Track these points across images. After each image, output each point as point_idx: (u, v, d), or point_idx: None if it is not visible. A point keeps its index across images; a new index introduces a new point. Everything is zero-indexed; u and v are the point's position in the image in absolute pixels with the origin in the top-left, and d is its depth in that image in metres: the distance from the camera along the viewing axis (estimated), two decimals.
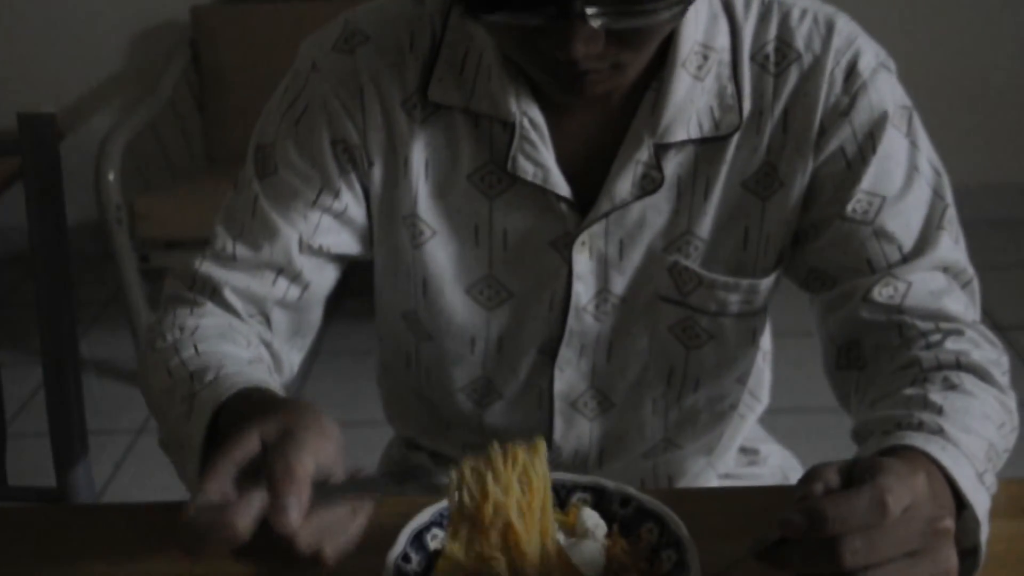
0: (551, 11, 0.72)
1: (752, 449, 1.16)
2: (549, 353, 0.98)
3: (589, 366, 0.99)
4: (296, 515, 0.60)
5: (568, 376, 0.99)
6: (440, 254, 0.94)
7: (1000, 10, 2.98)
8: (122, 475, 2.38)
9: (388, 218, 0.95)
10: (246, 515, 0.60)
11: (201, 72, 3.10)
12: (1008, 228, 3.11)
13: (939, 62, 2.98)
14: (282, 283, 0.95)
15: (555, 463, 1.04)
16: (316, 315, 1.01)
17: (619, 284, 0.95)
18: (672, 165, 0.90)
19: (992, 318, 2.58)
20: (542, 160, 0.89)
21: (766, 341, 1.10)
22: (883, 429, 0.77)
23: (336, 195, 0.94)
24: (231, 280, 0.94)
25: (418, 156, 0.92)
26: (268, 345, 0.96)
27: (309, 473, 0.62)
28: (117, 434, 2.45)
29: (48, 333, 1.18)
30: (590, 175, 0.91)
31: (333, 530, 0.63)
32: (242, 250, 0.94)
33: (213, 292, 0.95)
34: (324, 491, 0.63)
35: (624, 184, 0.90)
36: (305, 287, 0.96)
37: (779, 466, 1.17)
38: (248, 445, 0.65)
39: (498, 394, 1.01)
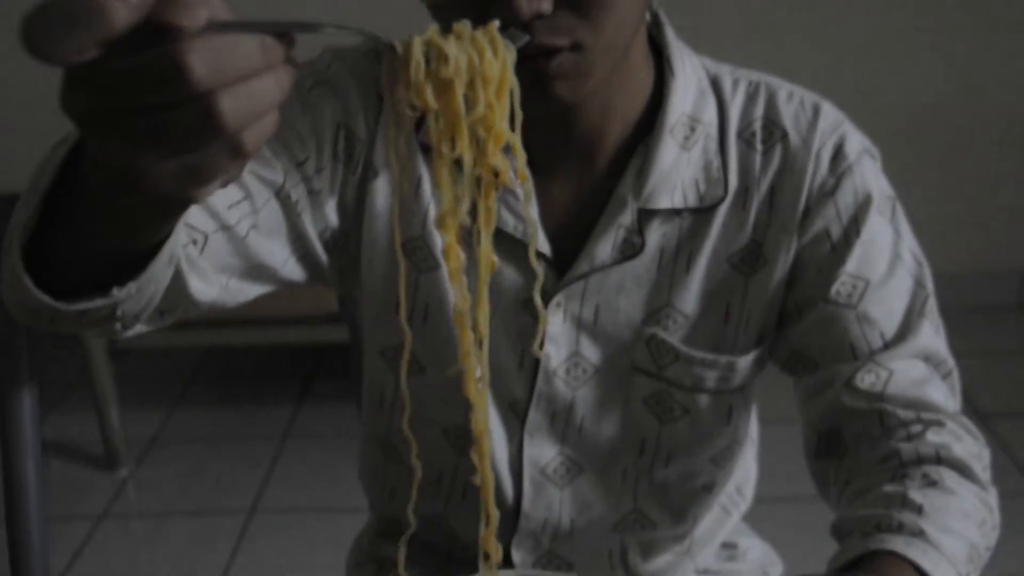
0: None
1: (731, 543, 1.14)
2: (519, 415, 0.98)
3: (560, 433, 0.99)
4: (192, 12, 0.45)
5: (538, 441, 0.99)
6: (444, 286, 0.94)
7: (985, 99, 3.05)
8: (80, 565, 2.32)
9: (386, 242, 0.94)
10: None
11: None
12: (990, 315, 3.13)
13: (923, 151, 3.04)
14: (239, 210, 0.84)
15: (524, 532, 1.03)
16: (236, 264, 0.87)
17: (592, 351, 0.95)
18: (656, 235, 0.92)
19: (973, 405, 2.59)
20: (524, 214, 0.91)
21: (753, 430, 1.10)
22: (863, 530, 0.77)
23: (318, 171, 0.90)
24: None
25: (427, 181, 0.93)
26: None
27: None
28: (76, 520, 2.41)
29: (8, 415, 1.16)
30: (572, 237, 0.93)
31: (235, 71, 0.46)
32: None
33: None
34: (229, 27, 0.47)
35: (605, 247, 0.92)
36: (252, 227, 0.85)
37: (758, 561, 1.16)
38: None
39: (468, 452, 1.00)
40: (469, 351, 0.72)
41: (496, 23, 0.63)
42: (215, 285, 0.83)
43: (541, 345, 0.94)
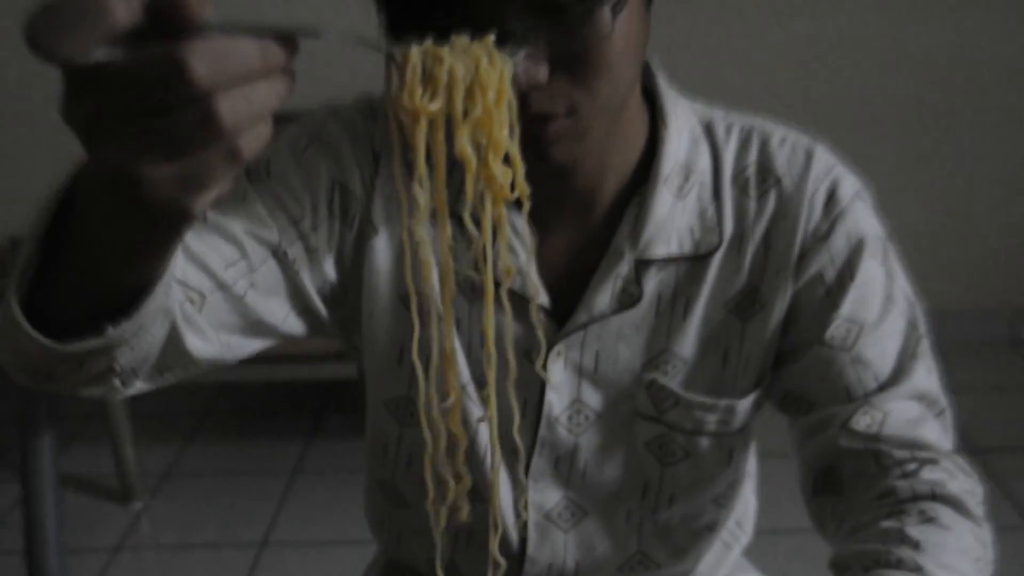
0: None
1: None
2: (523, 462, 0.98)
3: (563, 477, 0.98)
4: (198, 3, 0.44)
5: (542, 486, 0.98)
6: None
7: (976, 144, 3.07)
8: None
9: (388, 297, 0.93)
10: None
11: None
12: (983, 351, 3.14)
13: (919, 194, 3.06)
14: (236, 270, 0.84)
15: None
16: (236, 322, 0.87)
17: (594, 397, 0.94)
18: (653, 283, 0.91)
19: (969, 440, 2.58)
20: (522, 267, 0.90)
21: (751, 465, 1.09)
22: (863, 564, 0.76)
23: (315, 229, 0.89)
24: (188, 239, 0.80)
25: (427, 236, 0.92)
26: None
27: None
28: (92, 552, 2.40)
29: (28, 450, 1.17)
30: (570, 287, 0.92)
31: (234, 73, 0.46)
32: (216, 216, 0.84)
33: None
34: (231, 29, 0.46)
35: (603, 297, 0.91)
36: (250, 286, 0.85)
37: None
38: None
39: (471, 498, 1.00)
40: (451, 352, 0.73)
41: (492, 36, 0.62)
42: (214, 343, 0.83)
43: (542, 397, 0.93)
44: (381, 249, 0.92)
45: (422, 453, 0.92)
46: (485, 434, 0.95)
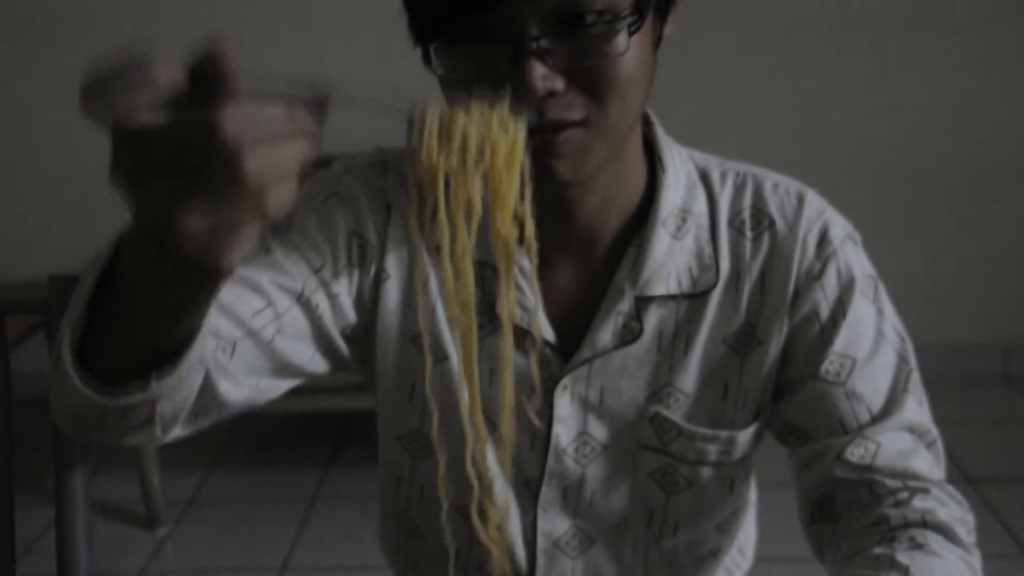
0: (505, 47, 0.74)
1: None
2: (532, 491, 0.99)
3: (572, 507, 0.99)
4: (234, 62, 0.46)
5: (551, 515, 0.99)
6: (453, 378, 0.94)
7: (960, 185, 3.08)
8: None
9: (398, 337, 0.95)
10: (170, 62, 0.46)
11: None
12: (978, 386, 3.14)
13: (909, 237, 3.07)
14: (263, 318, 0.87)
15: None
16: (265, 366, 0.89)
17: (600, 429, 0.95)
18: (653, 319, 0.92)
19: (964, 471, 2.57)
20: (528, 305, 0.91)
21: (752, 494, 1.09)
22: None
23: (336, 276, 0.92)
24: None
25: (434, 280, 0.93)
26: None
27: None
28: None
29: (62, 478, 1.18)
30: (574, 323, 0.93)
31: (260, 132, 0.47)
32: (243, 269, 0.86)
33: None
34: (257, 92, 0.48)
35: (605, 333, 0.92)
36: (277, 332, 0.88)
37: None
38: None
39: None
40: (477, 406, 0.75)
41: (506, 102, 0.64)
42: (245, 387, 0.85)
43: (550, 430, 0.94)
44: (392, 292, 0.95)
45: (432, 487, 0.94)
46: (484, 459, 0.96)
